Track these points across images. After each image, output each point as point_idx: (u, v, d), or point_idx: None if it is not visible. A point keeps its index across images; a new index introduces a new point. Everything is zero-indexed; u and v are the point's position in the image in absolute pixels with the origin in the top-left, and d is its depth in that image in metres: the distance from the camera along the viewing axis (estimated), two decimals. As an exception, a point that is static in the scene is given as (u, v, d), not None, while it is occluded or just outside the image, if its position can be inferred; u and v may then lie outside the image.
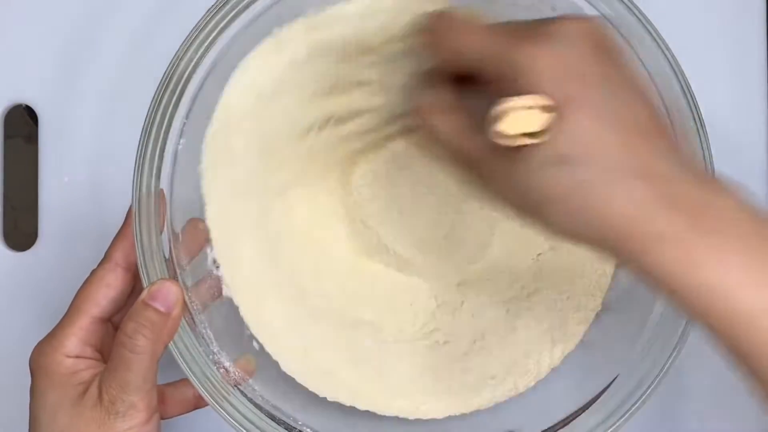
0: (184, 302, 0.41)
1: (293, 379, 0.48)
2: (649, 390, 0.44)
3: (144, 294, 0.40)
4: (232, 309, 0.48)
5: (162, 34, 0.55)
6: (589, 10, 0.44)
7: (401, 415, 0.49)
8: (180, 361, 0.42)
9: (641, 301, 0.47)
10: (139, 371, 0.39)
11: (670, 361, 0.44)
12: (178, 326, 0.41)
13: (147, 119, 0.43)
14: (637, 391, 0.45)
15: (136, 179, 0.42)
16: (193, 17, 0.43)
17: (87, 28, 0.55)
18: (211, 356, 0.44)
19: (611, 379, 0.46)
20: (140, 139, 0.43)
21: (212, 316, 0.45)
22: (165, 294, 0.39)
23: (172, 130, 0.43)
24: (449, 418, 0.50)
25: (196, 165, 0.46)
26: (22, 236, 0.58)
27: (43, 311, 0.55)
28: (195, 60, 0.43)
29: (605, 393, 0.46)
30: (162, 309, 0.39)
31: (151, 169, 0.43)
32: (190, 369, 0.42)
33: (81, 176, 0.55)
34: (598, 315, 0.50)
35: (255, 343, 0.49)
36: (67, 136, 0.56)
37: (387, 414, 0.49)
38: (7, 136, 0.55)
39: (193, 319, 0.44)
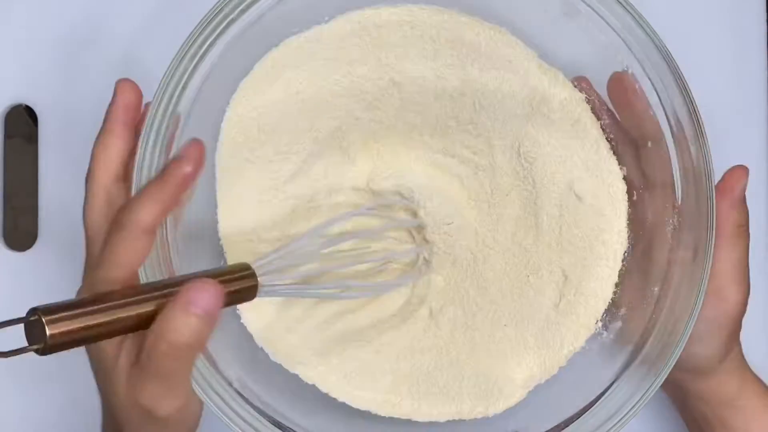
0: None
1: (287, 379, 0.48)
2: (650, 391, 0.44)
3: (183, 298, 0.36)
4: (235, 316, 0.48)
5: (161, 35, 0.55)
6: (584, 9, 0.45)
7: (383, 414, 0.49)
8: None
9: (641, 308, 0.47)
10: (184, 375, 0.37)
11: (670, 362, 0.44)
12: (215, 327, 0.37)
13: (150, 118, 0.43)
14: (638, 392, 0.44)
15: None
16: (192, 19, 0.43)
17: (87, 29, 0.55)
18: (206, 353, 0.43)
19: (612, 381, 0.46)
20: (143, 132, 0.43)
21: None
22: (206, 298, 0.36)
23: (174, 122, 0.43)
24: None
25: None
26: (23, 236, 0.57)
27: (43, 311, 0.55)
28: (194, 63, 0.43)
29: (606, 394, 0.46)
30: (202, 313, 0.36)
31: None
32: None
33: (81, 176, 0.54)
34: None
35: (261, 353, 0.49)
36: (67, 135, 0.56)
37: (381, 414, 0.49)
38: (7, 136, 0.56)
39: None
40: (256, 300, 0.47)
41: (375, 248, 0.50)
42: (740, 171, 0.45)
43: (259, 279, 0.40)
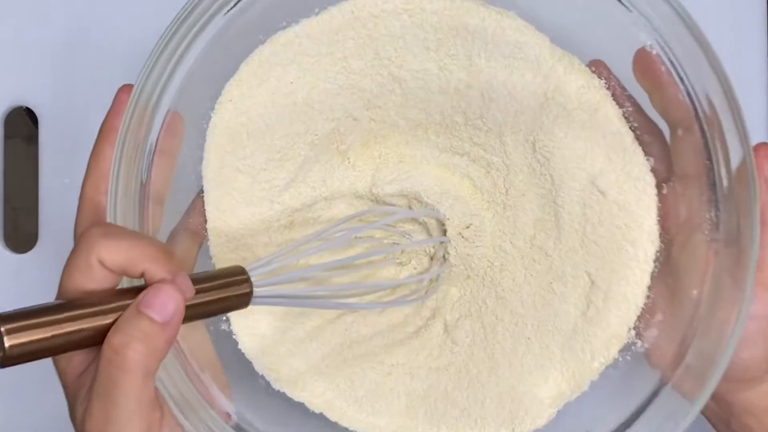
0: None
1: (292, 409, 0.46)
2: (696, 405, 0.40)
3: (138, 299, 0.33)
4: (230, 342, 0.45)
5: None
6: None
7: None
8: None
9: (679, 314, 0.43)
10: (131, 393, 0.33)
11: (716, 373, 0.40)
12: (176, 336, 0.34)
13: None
14: (681, 407, 0.40)
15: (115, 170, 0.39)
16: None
17: (86, 31, 0.55)
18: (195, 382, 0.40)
19: (650, 395, 0.42)
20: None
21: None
22: (163, 301, 0.33)
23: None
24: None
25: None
26: (23, 238, 0.57)
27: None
28: (171, 65, 0.40)
29: (645, 410, 0.42)
30: (158, 319, 0.33)
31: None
32: (168, 391, 0.38)
33: (81, 178, 0.53)
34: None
35: (261, 381, 0.46)
36: (67, 137, 0.56)
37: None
38: (7, 137, 0.56)
39: (179, 344, 0.40)
40: (253, 322, 0.46)
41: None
42: (764, 149, 0.41)
43: (253, 284, 0.37)
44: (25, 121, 0.62)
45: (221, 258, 0.45)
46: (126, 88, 0.40)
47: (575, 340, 0.46)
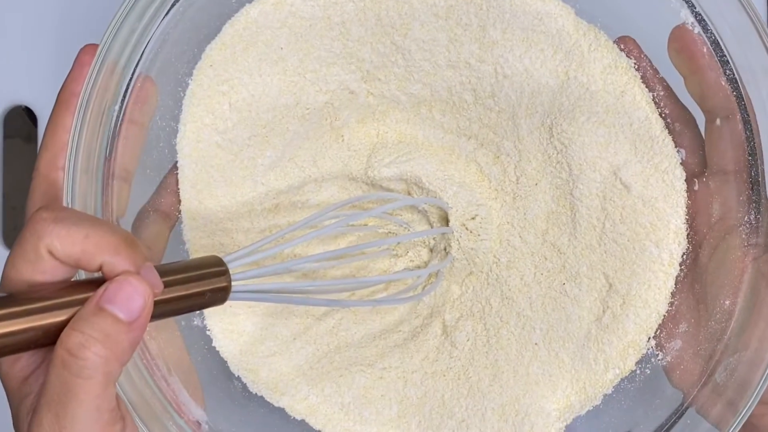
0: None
1: (271, 415, 0.43)
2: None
3: (98, 293, 0.29)
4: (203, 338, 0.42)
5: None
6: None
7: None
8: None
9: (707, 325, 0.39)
10: (88, 402, 0.29)
11: (753, 396, 0.36)
12: (141, 338, 0.31)
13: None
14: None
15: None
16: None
17: (85, 30, 0.50)
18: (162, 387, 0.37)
19: (671, 416, 0.39)
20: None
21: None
22: (128, 295, 0.30)
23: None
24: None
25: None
26: None
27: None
28: (143, 23, 0.36)
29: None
30: (123, 316, 0.29)
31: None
32: (129, 398, 0.35)
33: None
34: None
35: (237, 383, 0.42)
36: None
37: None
38: (6, 137, 0.55)
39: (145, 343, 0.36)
40: (230, 317, 0.42)
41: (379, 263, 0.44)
42: None
43: (232, 277, 0.33)
44: (24, 120, 0.61)
45: (196, 243, 0.41)
46: (89, 49, 0.36)
47: (588, 348, 0.42)
